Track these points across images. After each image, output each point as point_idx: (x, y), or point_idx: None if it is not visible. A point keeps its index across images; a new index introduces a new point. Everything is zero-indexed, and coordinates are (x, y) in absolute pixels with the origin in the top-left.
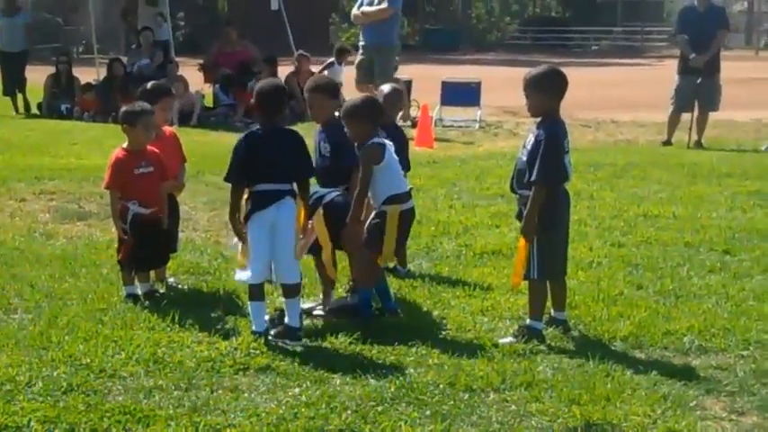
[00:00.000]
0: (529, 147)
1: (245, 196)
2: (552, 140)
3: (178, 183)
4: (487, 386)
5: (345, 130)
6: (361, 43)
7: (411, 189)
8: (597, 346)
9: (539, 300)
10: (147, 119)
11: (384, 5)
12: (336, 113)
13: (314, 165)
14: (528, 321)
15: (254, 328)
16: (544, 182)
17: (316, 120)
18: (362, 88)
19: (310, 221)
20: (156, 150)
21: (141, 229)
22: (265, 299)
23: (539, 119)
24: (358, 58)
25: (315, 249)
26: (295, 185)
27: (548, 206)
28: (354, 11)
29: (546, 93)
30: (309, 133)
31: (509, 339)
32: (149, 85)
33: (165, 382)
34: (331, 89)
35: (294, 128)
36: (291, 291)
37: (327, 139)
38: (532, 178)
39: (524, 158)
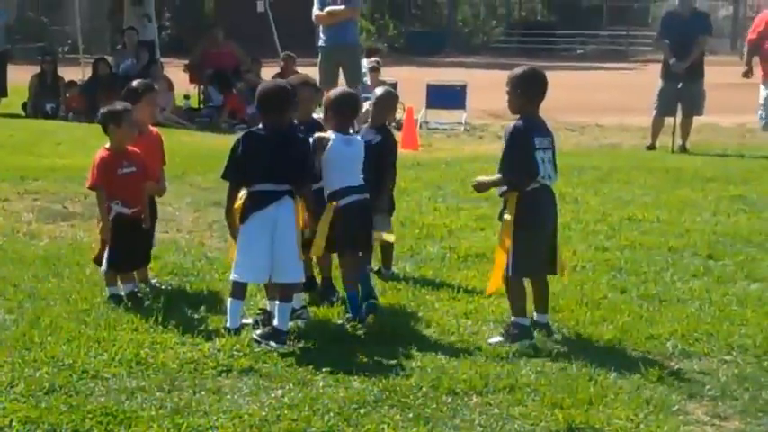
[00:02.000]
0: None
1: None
2: (513, 134)
3: (160, 186)
4: (470, 389)
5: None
6: (321, 45)
7: (360, 185)
8: (580, 349)
9: (517, 297)
10: (130, 117)
11: (344, 7)
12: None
13: None
14: (513, 319)
15: (228, 324)
16: (505, 171)
17: (302, 116)
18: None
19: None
20: (138, 150)
21: (123, 229)
22: (245, 299)
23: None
24: (320, 60)
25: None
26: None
27: (524, 205)
28: (317, 11)
29: (524, 92)
30: None
31: (497, 339)
32: (134, 83)
33: (147, 383)
34: (317, 85)
35: None
36: (289, 291)
37: (308, 135)
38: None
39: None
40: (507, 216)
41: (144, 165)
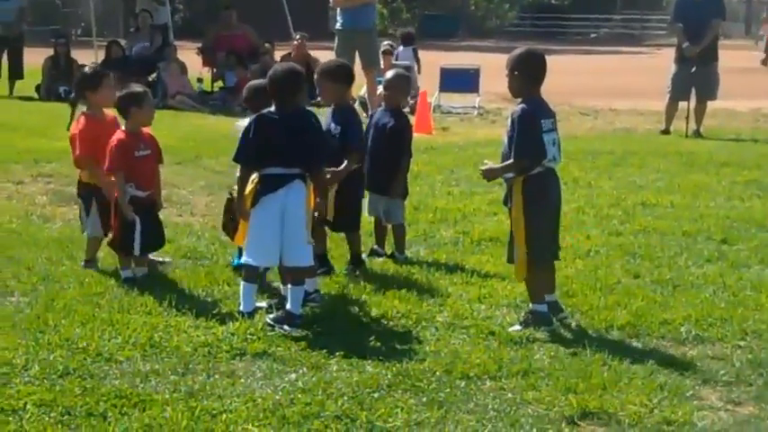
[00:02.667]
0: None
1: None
2: (523, 117)
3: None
4: (484, 374)
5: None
6: (338, 28)
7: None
8: (594, 334)
9: (538, 284)
10: (150, 99)
11: None
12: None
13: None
14: (531, 306)
15: (241, 308)
16: (521, 156)
17: (336, 99)
18: None
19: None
20: (151, 133)
21: (138, 213)
22: (257, 282)
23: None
24: (337, 44)
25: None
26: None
27: (534, 188)
28: None
29: (523, 74)
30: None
31: (517, 328)
32: (88, 69)
33: (161, 366)
34: (334, 73)
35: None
36: (300, 275)
37: (337, 120)
38: (512, 155)
39: (505, 140)
40: (515, 204)
41: (157, 147)
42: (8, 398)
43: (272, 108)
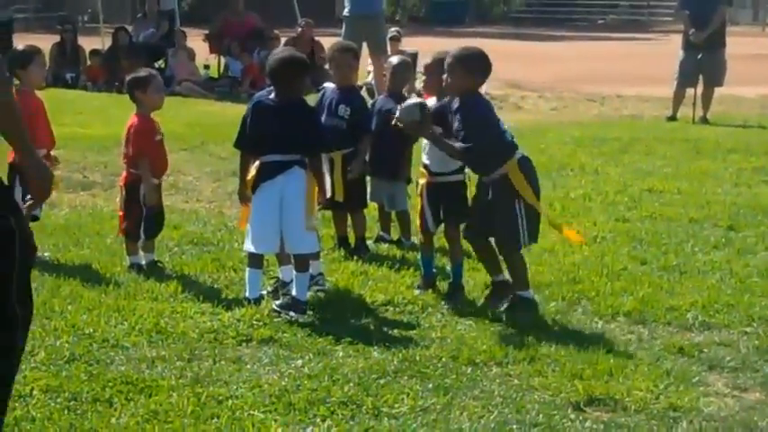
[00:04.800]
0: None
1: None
2: (484, 116)
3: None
4: (490, 360)
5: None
6: (345, 14)
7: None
8: (600, 321)
9: (524, 269)
10: (158, 82)
11: None
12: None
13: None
14: (519, 293)
15: (247, 294)
16: (482, 158)
17: (343, 81)
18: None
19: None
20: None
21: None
22: (263, 268)
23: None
24: (344, 30)
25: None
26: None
27: (529, 170)
28: None
29: (471, 72)
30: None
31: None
32: (20, 47)
33: (167, 352)
34: (357, 52)
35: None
36: (303, 262)
37: (348, 101)
38: (471, 147)
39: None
40: (518, 182)
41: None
42: (15, 383)
43: (272, 95)
